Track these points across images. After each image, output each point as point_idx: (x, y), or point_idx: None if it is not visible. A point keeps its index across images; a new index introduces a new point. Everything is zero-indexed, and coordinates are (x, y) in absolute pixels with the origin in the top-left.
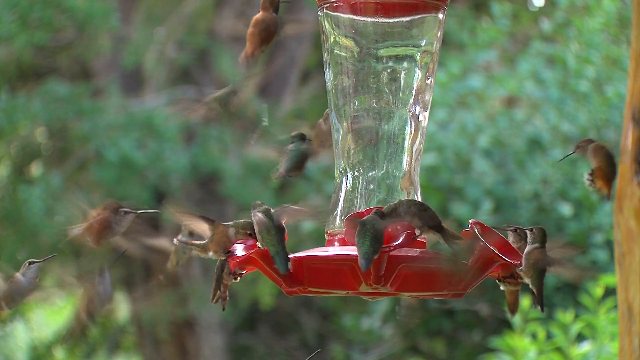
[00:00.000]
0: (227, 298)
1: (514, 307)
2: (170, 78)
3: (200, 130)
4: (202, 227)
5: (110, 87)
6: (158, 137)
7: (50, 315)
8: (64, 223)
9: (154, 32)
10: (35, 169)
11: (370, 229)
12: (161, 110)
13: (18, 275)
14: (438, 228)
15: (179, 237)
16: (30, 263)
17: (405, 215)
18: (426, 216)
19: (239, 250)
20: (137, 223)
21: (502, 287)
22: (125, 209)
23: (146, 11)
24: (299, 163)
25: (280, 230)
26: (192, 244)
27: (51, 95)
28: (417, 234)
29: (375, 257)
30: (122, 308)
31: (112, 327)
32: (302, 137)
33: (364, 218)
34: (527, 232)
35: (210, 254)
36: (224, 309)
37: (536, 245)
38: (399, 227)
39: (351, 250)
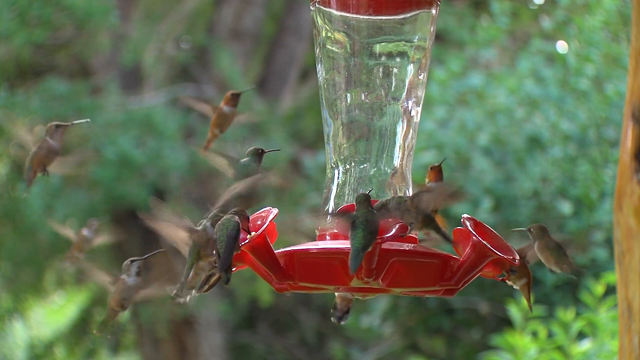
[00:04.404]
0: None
1: (529, 296)
2: (170, 76)
3: (199, 128)
4: (180, 235)
5: (109, 85)
6: (157, 135)
7: (49, 314)
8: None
9: (153, 30)
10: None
11: (363, 223)
12: (160, 108)
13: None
14: (429, 221)
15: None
16: (132, 261)
17: (395, 211)
18: (415, 213)
19: None
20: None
21: (514, 286)
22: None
23: (145, 9)
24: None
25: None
26: (190, 275)
27: (50, 93)
28: (408, 231)
29: (366, 252)
30: None
31: (111, 326)
32: (257, 153)
33: (356, 212)
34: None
35: (202, 263)
36: (198, 292)
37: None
38: (390, 220)
39: (342, 244)
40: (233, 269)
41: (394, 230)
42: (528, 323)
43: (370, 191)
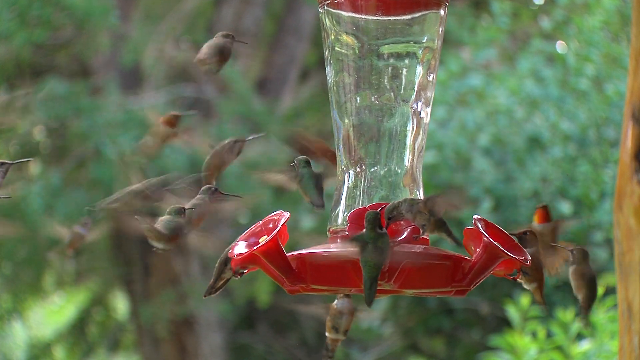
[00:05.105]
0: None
1: (542, 299)
2: (169, 76)
3: (200, 128)
4: None
5: (109, 84)
6: None
7: (48, 314)
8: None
9: (153, 30)
10: (34, 167)
11: (373, 250)
12: (160, 108)
13: None
14: (441, 224)
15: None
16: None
17: (407, 214)
18: (427, 215)
19: (241, 247)
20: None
21: (526, 287)
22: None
23: (145, 9)
24: (320, 187)
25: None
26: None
27: (50, 93)
28: (420, 234)
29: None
30: (121, 307)
31: (111, 326)
32: (307, 163)
33: (365, 234)
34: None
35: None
36: (205, 296)
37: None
38: (402, 222)
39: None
40: (244, 271)
41: (405, 234)
42: (527, 323)
43: (381, 209)
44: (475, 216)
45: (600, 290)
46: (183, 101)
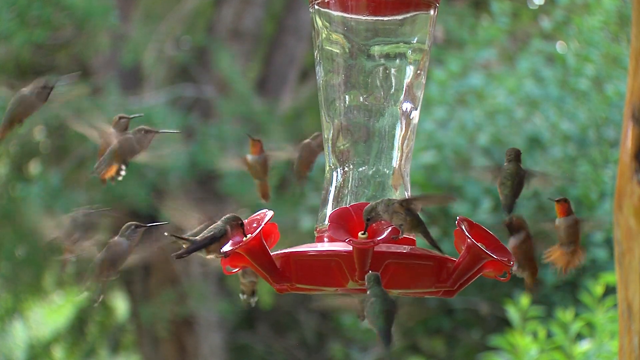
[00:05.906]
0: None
1: (532, 285)
2: (169, 76)
3: (200, 128)
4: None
5: (109, 85)
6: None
7: (48, 314)
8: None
9: (153, 30)
10: (34, 167)
11: (382, 303)
12: (160, 108)
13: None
14: (417, 224)
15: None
16: (136, 226)
17: (384, 214)
18: (404, 215)
19: (226, 246)
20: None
21: (519, 275)
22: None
23: (145, 9)
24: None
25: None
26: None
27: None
28: (397, 234)
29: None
30: (121, 307)
31: (111, 326)
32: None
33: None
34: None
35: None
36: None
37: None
38: (383, 222)
39: (339, 246)
40: (235, 270)
41: (385, 233)
42: (527, 323)
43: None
44: (459, 217)
45: (600, 290)
46: (183, 101)
